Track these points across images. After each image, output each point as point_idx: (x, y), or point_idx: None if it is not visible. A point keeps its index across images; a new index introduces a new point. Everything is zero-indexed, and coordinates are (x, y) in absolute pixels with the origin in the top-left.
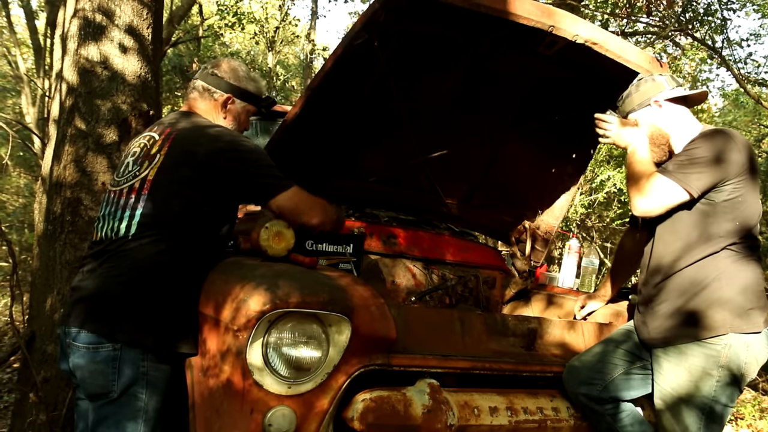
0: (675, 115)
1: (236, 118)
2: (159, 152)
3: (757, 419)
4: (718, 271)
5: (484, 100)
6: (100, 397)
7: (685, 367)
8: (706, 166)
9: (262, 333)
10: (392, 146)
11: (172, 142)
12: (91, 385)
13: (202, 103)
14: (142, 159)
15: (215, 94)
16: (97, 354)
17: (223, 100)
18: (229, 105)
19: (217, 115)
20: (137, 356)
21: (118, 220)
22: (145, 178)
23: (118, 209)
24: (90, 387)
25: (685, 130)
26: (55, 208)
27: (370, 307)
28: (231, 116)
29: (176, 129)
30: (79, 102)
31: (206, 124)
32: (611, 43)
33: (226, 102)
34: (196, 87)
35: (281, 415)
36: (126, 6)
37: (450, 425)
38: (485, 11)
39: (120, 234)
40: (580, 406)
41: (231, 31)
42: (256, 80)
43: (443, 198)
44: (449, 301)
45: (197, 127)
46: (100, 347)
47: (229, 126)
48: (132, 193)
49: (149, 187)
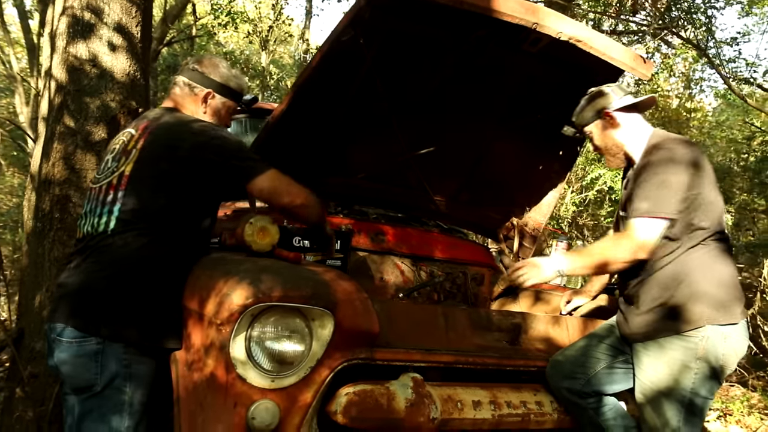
0: (627, 124)
1: (216, 113)
2: (135, 147)
3: (745, 415)
4: (694, 265)
5: (471, 98)
6: (84, 390)
7: (664, 361)
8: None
9: (245, 327)
10: (380, 143)
11: (149, 136)
12: (76, 379)
13: (183, 98)
14: (120, 155)
15: (196, 89)
16: (81, 348)
17: (203, 95)
18: (210, 100)
19: (197, 109)
20: (120, 350)
21: (98, 217)
22: (122, 173)
23: (98, 206)
24: (74, 381)
25: (637, 136)
26: (44, 205)
27: (353, 302)
28: (211, 111)
29: (154, 124)
30: (68, 100)
31: (189, 119)
32: (596, 40)
33: (207, 97)
34: (178, 82)
35: (264, 408)
36: (115, 4)
37: (433, 419)
38: (468, 8)
39: (100, 230)
40: (563, 399)
41: (224, 31)
42: (237, 77)
43: (431, 195)
44: (437, 297)
45: (180, 122)
46: (83, 342)
47: (209, 121)
48: (110, 190)
49: (126, 183)
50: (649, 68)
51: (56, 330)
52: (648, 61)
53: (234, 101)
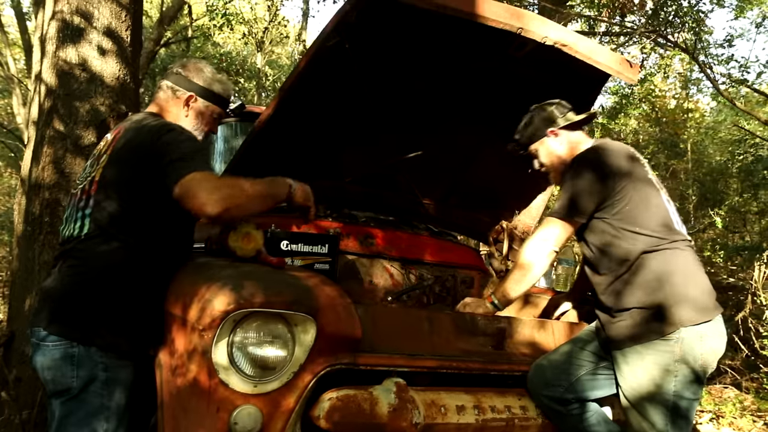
0: (570, 141)
1: (198, 117)
2: (105, 152)
3: (738, 417)
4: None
5: (459, 101)
6: (62, 394)
7: (642, 367)
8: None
9: (228, 332)
10: (369, 147)
11: (118, 141)
12: (53, 382)
13: (166, 101)
14: (95, 160)
15: (178, 92)
16: (57, 351)
17: (185, 98)
18: (192, 103)
19: (179, 113)
20: (96, 354)
21: (73, 221)
22: (93, 178)
23: (74, 211)
24: (52, 384)
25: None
26: (33, 209)
27: (336, 307)
28: (194, 114)
29: (124, 128)
30: (58, 104)
31: (156, 122)
32: (581, 44)
33: (188, 100)
34: (162, 86)
35: (247, 413)
36: (104, 8)
37: (415, 423)
38: (452, 13)
39: (75, 234)
40: (542, 406)
41: (220, 32)
42: (222, 82)
43: (420, 198)
44: (427, 300)
45: (145, 125)
46: (59, 345)
47: (191, 125)
48: (83, 195)
49: (95, 187)
50: (635, 72)
51: (36, 334)
52: (634, 64)
53: (218, 106)
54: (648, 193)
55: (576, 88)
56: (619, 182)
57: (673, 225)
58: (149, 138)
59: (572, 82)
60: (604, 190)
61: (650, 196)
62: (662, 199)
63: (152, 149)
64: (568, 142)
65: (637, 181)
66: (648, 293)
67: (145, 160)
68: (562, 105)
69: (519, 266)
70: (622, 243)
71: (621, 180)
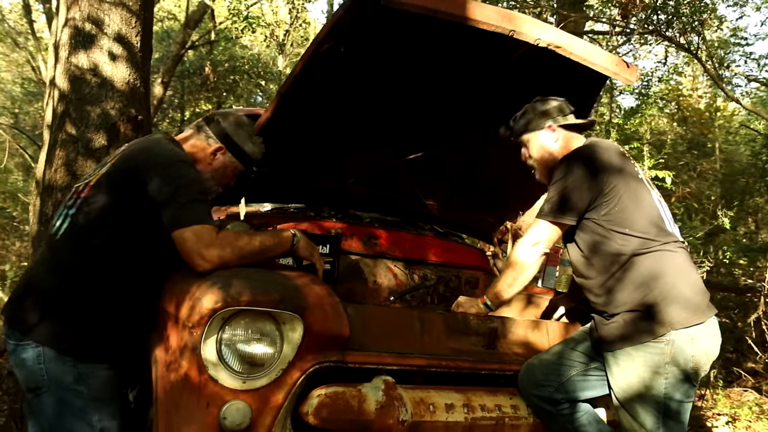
0: (565, 139)
1: (220, 169)
2: (111, 160)
3: (754, 421)
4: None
5: (460, 102)
6: (33, 391)
7: (632, 369)
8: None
9: (216, 330)
10: (371, 149)
11: (126, 151)
12: (23, 380)
13: (193, 139)
14: (100, 166)
15: (211, 139)
16: (24, 350)
17: (215, 147)
18: (219, 154)
19: (205, 158)
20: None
21: (58, 218)
22: (89, 182)
23: (62, 208)
24: (23, 382)
25: None
26: (46, 209)
27: (323, 306)
28: (218, 164)
29: (140, 141)
30: (70, 108)
31: (170, 147)
32: (576, 46)
33: (217, 151)
34: (196, 125)
35: (236, 409)
36: (115, 15)
37: (402, 421)
38: (444, 17)
39: (52, 231)
40: (532, 406)
41: (241, 35)
42: (256, 144)
43: (422, 199)
44: (430, 300)
45: (161, 146)
46: (24, 344)
47: (212, 173)
48: (75, 195)
49: (87, 191)
50: (633, 73)
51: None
52: (632, 65)
53: (244, 165)
54: (639, 192)
55: (575, 90)
56: (610, 179)
57: (664, 226)
58: (160, 161)
59: (571, 84)
60: (595, 187)
61: (641, 196)
62: (654, 199)
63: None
64: (563, 139)
65: (629, 179)
66: (639, 294)
67: (144, 180)
68: (566, 105)
69: (510, 268)
70: (613, 244)
71: (612, 177)
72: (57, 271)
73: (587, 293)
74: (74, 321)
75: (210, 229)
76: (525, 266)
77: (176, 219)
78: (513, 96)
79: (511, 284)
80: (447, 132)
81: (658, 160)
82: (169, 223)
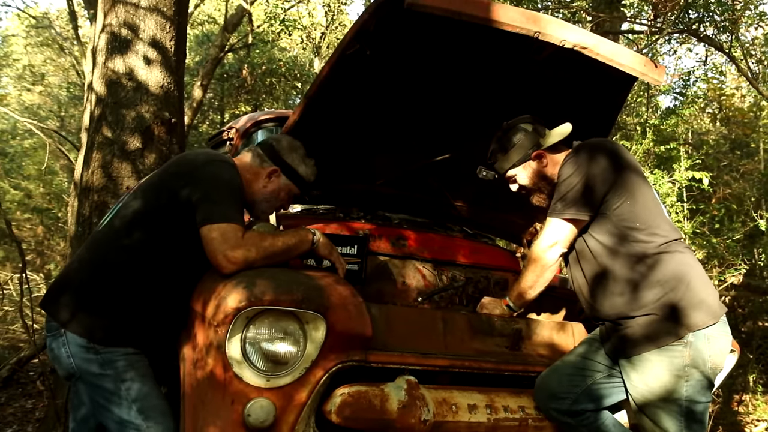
0: (557, 158)
1: (275, 192)
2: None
3: None
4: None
5: (487, 104)
6: (69, 378)
7: (652, 374)
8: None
9: (241, 328)
10: (400, 151)
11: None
12: (59, 370)
13: (249, 161)
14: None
15: (265, 163)
16: (54, 341)
17: (270, 170)
18: (274, 177)
19: (259, 181)
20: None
21: (108, 214)
22: (140, 181)
23: (114, 204)
24: (59, 371)
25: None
26: (84, 210)
27: (346, 306)
28: (273, 187)
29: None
30: (107, 111)
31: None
32: (602, 47)
33: (272, 173)
34: (252, 151)
35: (260, 406)
36: (150, 20)
37: (424, 420)
38: (468, 20)
39: (100, 227)
40: (552, 420)
41: (278, 38)
42: (309, 166)
43: (451, 200)
44: (459, 301)
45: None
46: (54, 335)
47: (266, 196)
48: (125, 191)
49: (135, 189)
50: (660, 73)
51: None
52: (659, 65)
53: (298, 187)
54: (645, 188)
55: (603, 90)
56: (621, 173)
57: (673, 224)
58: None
59: (599, 85)
60: (609, 178)
61: (649, 194)
62: (656, 197)
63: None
64: (555, 159)
65: (634, 174)
66: (664, 294)
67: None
68: (536, 121)
69: (530, 270)
70: (637, 244)
71: (622, 171)
72: (91, 261)
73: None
74: (101, 311)
75: (236, 228)
76: (544, 268)
77: (205, 215)
78: (541, 97)
79: (532, 286)
80: (475, 133)
81: (695, 160)
82: (199, 220)
